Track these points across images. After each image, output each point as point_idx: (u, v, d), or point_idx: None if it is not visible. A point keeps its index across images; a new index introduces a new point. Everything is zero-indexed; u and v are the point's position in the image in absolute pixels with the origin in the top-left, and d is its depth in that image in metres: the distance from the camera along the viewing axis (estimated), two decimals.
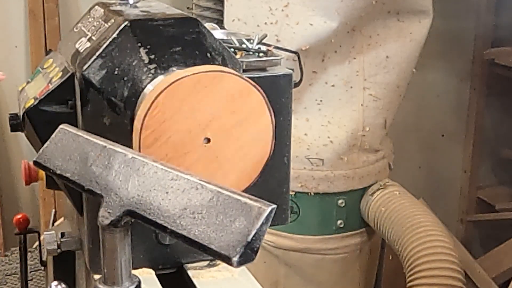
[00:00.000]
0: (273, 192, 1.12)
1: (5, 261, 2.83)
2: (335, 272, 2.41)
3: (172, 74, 0.94)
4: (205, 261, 1.10)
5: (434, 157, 3.35)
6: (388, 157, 2.47)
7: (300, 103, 2.27)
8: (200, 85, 0.91)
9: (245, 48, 1.15)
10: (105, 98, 0.96)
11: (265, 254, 2.36)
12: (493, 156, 3.37)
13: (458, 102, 3.30)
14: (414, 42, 2.32)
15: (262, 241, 0.65)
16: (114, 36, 0.97)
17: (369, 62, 2.28)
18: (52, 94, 1.03)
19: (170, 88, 0.90)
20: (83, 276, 1.19)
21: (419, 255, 2.10)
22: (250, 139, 0.95)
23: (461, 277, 2.08)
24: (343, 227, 2.38)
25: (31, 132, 1.05)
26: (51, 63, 1.16)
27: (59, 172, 0.81)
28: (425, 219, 2.20)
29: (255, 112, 0.95)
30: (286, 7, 2.18)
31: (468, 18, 3.16)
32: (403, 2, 2.27)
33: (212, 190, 0.69)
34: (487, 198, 3.29)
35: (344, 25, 2.18)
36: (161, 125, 0.90)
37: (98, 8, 1.14)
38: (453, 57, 3.22)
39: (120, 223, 0.74)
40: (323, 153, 2.29)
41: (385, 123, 2.37)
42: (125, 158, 0.76)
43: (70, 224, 1.24)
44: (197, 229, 0.67)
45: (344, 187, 2.35)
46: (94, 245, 1.02)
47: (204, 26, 1.01)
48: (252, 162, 0.97)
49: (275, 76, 1.10)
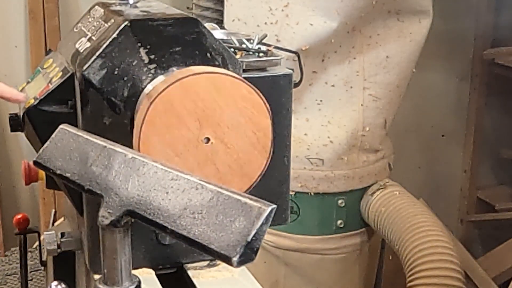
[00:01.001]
0: (273, 192, 1.12)
1: (5, 261, 2.82)
2: (335, 272, 2.41)
3: (172, 74, 0.94)
4: (205, 261, 1.10)
5: (434, 157, 3.35)
6: (388, 157, 2.47)
7: (300, 103, 2.27)
8: (200, 86, 0.91)
9: (245, 48, 1.15)
10: (105, 98, 0.96)
11: (265, 254, 2.36)
12: (493, 156, 3.36)
13: (458, 102, 3.30)
14: (414, 42, 2.32)
15: (262, 241, 0.65)
16: (114, 36, 0.97)
17: (369, 62, 2.28)
18: (52, 94, 1.03)
19: (170, 88, 0.90)
20: (83, 276, 1.19)
21: (419, 255, 2.10)
22: (249, 139, 0.95)
23: (461, 277, 2.08)
24: (343, 227, 2.38)
25: (31, 132, 1.05)
26: (51, 63, 1.16)
27: (59, 172, 0.81)
28: (425, 219, 2.20)
29: (254, 113, 0.95)
30: (286, 7, 2.18)
31: (468, 18, 3.16)
32: (403, 2, 2.27)
33: (212, 190, 0.69)
34: (487, 198, 3.29)
35: (344, 25, 2.18)
36: (160, 125, 0.90)
37: (98, 8, 1.14)
38: (453, 57, 3.22)
39: (120, 223, 0.74)
40: (323, 153, 2.29)
41: (385, 123, 2.37)
42: (125, 158, 0.76)
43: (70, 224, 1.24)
44: (197, 229, 0.67)
45: (344, 187, 2.35)
46: (94, 245, 1.02)
47: (204, 26, 1.01)
48: (252, 162, 0.97)
49: (275, 76, 1.11)
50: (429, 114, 3.26)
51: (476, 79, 3.24)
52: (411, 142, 3.26)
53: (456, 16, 3.11)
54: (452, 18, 3.07)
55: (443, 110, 3.28)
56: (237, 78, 0.94)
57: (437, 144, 3.33)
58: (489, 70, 3.18)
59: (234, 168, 0.95)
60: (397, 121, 2.51)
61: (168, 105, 0.90)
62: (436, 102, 3.26)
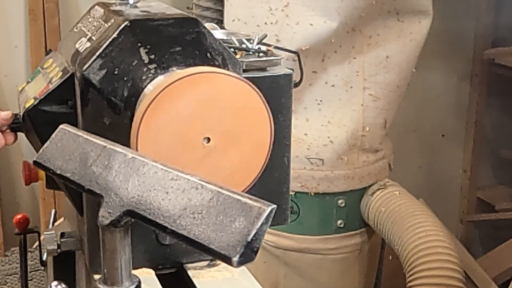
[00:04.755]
0: (273, 192, 1.12)
1: (5, 261, 2.82)
2: (335, 272, 2.41)
3: (172, 74, 0.94)
4: (205, 261, 1.10)
5: (434, 157, 3.35)
6: (388, 157, 2.47)
7: (300, 103, 2.27)
8: (200, 86, 0.91)
9: (245, 48, 1.15)
10: (105, 98, 0.96)
11: (265, 254, 2.36)
12: (493, 156, 3.36)
13: (458, 102, 3.30)
14: (414, 42, 2.32)
15: (262, 241, 0.65)
16: (114, 36, 0.97)
17: (369, 62, 2.28)
18: (52, 94, 1.03)
19: (170, 88, 0.90)
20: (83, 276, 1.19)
21: (419, 255, 2.10)
22: (249, 139, 0.95)
23: (461, 277, 2.08)
24: (343, 227, 2.38)
25: (31, 132, 1.05)
26: (51, 63, 1.16)
27: (59, 172, 0.81)
28: (425, 219, 2.20)
29: (254, 112, 0.95)
30: (286, 7, 2.18)
31: (468, 18, 3.16)
32: (403, 2, 2.27)
33: (212, 190, 0.69)
34: (487, 198, 3.29)
35: (344, 25, 2.18)
36: (160, 125, 0.90)
37: (98, 8, 1.14)
38: (453, 57, 3.22)
39: (120, 223, 0.74)
40: (323, 153, 2.29)
41: (385, 123, 2.37)
42: (125, 158, 0.76)
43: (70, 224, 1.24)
44: (197, 229, 0.67)
45: (344, 187, 2.35)
46: (94, 245, 1.02)
47: (204, 26, 1.01)
48: (252, 162, 0.97)
49: (275, 76, 1.10)
50: (429, 114, 3.26)
51: (476, 79, 3.24)
52: (411, 142, 3.26)
53: (456, 16, 3.11)
54: (452, 18, 3.07)
55: (443, 110, 3.28)
56: (237, 78, 0.94)
57: (437, 144, 3.33)
58: (489, 70, 3.18)
59: (233, 168, 0.95)
60: (397, 121, 2.51)
61: (168, 105, 0.90)
62: (436, 102, 3.26)
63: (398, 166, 2.57)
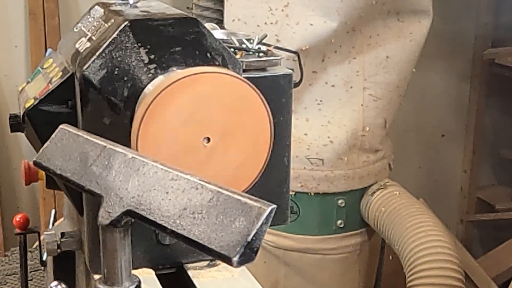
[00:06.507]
0: (273, 192, 1.12)
1: (5, 261, 2.82)
2: (335, 272, 2.41)
3: (172, 74, 0.94)
4: (205, 261, 1.10)
5: (434, 157, 3.35)
6: (388, 157, 2.47)
7: (300, 103, 2.27)
8: (200, 86, 0.91)
9: (245, 48, 1.15)
10: (105, 98, 0.96)
11: (265, 254, 2.36)
12: (493, 156, 3.37)
13: (458, 102, 3.30)
14: (414, 42, 2.32)
15: (262, 241, 0.65)
16: (114, 36, 0.97)
17: (369, 62, 2.28)
18: (52, 94, 1.03)
19: (170, 88, 0.90)
20: (83, 276, 1.19)
21: (419, 255, 2.10)
22: (249, 139, 0.95)
23: (461, 277, 2.08)
24: (343, 227, 2.38)
25: (31, 132, 1.05)
26: (51, 63, 1.16)
27: (59, 172, 0.81)
28: (425, 219, 2.20)
29: (254, 113, 0.95)
30: (286, 7, 2.18)
31: (468, 18, 3.16)
32: (403, 2, 2.27)
33: (212, 190, 0.69)
34: (487, 198, 3.29)
35: (344, 25, 2.18)
36: (160, 125, 0.90)
37: (98, 8, 1.14)
38: (453, 57, 3.22)
39: (120, 223, 0.74)
40: (323, 153, 2.29)
41: (385, 123, 2.37)
42: (125, 158, 0.76)
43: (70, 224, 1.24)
44: (197, 229, 0.67)
45: (344, 187, 2.35)
46: (94, 245, 1.02)
47: (204, 26, 1.01)
48: (251, 162, 0.97)
49: (275, 76, 1.10)
50: (429, 114, 3.26)
51: (476, 79, 3.24)
52: (411, 142, 3.26)
53: (456, 16, 3.11)
54: (452, 18, 3.07)
55: (443, 110, 3.28)
56: (237, 78, 0.94)
57: (437, 144, 3.33)
58: (489, 70, 3.18)
59: (233, 167, 0.95)
60: (397, 121, 2.51)
61: (168, 105, 0.90)
62: (436, 102, 3.26)
63: (398, 166, 2.57)
